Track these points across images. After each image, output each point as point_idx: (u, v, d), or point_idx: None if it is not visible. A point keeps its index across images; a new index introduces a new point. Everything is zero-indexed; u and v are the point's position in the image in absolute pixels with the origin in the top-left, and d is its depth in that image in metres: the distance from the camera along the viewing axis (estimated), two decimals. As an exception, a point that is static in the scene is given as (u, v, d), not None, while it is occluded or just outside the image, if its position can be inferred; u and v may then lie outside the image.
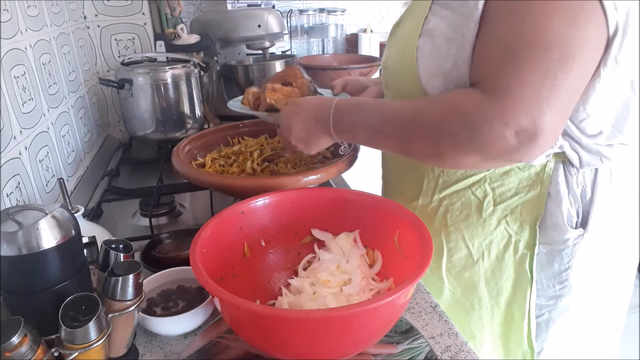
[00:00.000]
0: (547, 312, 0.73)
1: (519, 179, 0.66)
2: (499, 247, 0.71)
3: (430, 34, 0.60)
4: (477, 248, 0.72)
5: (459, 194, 0.71)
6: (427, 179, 0.73)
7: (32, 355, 0.44)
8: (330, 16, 2.16)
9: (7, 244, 0.46)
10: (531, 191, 0.66)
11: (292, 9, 2.13)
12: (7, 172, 0.79)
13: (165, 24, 1.60)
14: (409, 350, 0.58)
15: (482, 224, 0.70)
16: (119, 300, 0.51)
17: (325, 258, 0.66)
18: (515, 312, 0.74)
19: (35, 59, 0.97)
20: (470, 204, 0.70)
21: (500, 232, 0.70)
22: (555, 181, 0.64)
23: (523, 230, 0.68)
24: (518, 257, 0.70)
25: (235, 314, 0.51)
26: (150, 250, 0.77)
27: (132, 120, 1.26)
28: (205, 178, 0.83)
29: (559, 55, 0.49)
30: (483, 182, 0.68)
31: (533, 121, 0.49)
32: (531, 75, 0.50)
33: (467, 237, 0.72)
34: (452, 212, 0.72)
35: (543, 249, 0.68)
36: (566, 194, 0.65)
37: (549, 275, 0.70)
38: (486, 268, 0.73)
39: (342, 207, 0.69)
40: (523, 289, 0.71)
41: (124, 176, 1.20)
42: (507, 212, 0.68)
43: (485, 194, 0.68)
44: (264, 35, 1.53)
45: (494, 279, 0.73)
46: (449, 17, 0.58)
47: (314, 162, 0.95)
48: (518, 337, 0.75)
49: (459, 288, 0.76)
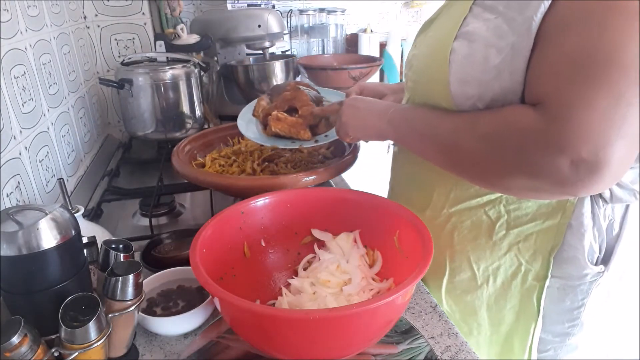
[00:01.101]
0: (552, 348, 0.69)
1: (538, 205, 0.61)
2: (507, 274, 0.66)
3: (468, 37, 0.54)
4: (482, 272, 0.67)
5: (470, 212, 0.65)
6: (438, 191, 0.68)
7: (32, 355, 0.44)
8: (330, 16, 2.16)
9: (7, 244, 0.46)
10: (550, 219, 0.61)
11: (292, 9, 2.13)
12: (7, 172, 0.79)
13: (165, 24, 1.60)
14: (409, 350, 0.58)
15: (492, 247, 0.65)
16: (119, 300, 0.51)
17: (325, 258, 0.66)
18: (516, 344, 0.70)
19: (35, 59, 0.97)
20: (481, 224, 0.65)
21: (510, 258, 0.65)
22: (580, 212, 0.59)
23: (535, 260, 0.64)
24: (526, 288, 0.66)
25: (235, 314, 0.51)
26: (150, 250, 0.77)
27: (132, 120, 1.26)
28: (205, 178, 0.83)
29: (634, 78, 0.43)
30: (498, 202, 0.63)
31: (597, 152, 0.43)
32: (601, 98, 0.43)
33: (473, 259, 0.67)
34: (461, 231, 0.67)
35: (555, 282, 0.64)
36: (590, 226, 0.60)
37: (559, 311, 0.65)
38: (490, 294, 0.68)
39: (342, 207, 0.69)
40: (527, 322, 0.67)
41: (124, 176, 1.20)
42: (521, 239, 0.63)
43: (499, 215, 0.63)
44: (264, 35, 1.53)
45: (497, 307, 0.69)
46: (492, 21, 0.52)
47: (314, 162, 0.95)
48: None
49: (458, 312, 0.72)
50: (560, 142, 0.45)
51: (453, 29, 0.56)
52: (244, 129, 0.94)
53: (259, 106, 0.97)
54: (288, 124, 0.88)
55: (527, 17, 0.49)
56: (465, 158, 0.56)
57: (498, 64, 0.52)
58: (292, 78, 1.63)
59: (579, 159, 0.44)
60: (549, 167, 0.46)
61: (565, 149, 0.44)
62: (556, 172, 0.46)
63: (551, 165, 0.46)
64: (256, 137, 0.92)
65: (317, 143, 0.88)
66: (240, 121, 0.97)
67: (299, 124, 0.88)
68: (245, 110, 1.01)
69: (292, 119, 0.88)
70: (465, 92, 0.55)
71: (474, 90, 0.55)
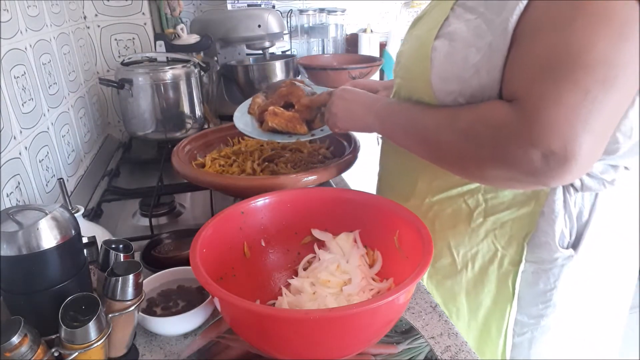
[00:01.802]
0: (529, 331, 0.71)
1: (514, 194, 0.64)
2: (484, 259, 0.69)
3: (450, 37, 0.57)
4: (462, 257, 0.71)
5: (450, 201, 0.69)
6: (421, 181, 0.72)
7: (32, 355, 0.44)
8: (330, 16, 2.16)
9: (7, 244, 0.46)
10: (524, 207, 0.64)
11: (292, 9, 2.13)
12: (7, 172, 0.79)
13: (165, 24, 1.60)
14: (409, 350, 0.58)
15: (470, 234, 0.69)
16: (119, 300, 0.51)
17: (325, 258, 0.66)
18: (493, 328, 0.72)
19: (35, 59, 0.97)
20: (461, 212, 0.69)
21: (487, 244, 0.68)
22: (552, 200, 0.62)
23: (511, 245, 0.67)
24: (502, 272, 0.69)
25: (235, 314, 0.51)
26: (150, 250, 0.77)
27: (132, 120, 1.26)
28: (205, 178, 0.83)
29: (602, 76, 0.45)
30: (477, 191, 0.67)
31: (565, 145, 0.46)
32: (568, 95, 0.46)
33: (453, 245, 0.71)
34: (441, 218, 0.71)
35: (530, 267, 0.67)
36: (562, 213, 0.63)
37: (533, 293, 0.68)
38: (469, 279, 0.71)
39: (342, 207, 0.69)
40: (503, 305, 0.70)
41: (124, 176, 1.20)
42: (497, 226, 0.67)
43: (477, 204, 0.67)
44: (264, 35, 1.53)
45: (475, 291, 0.72)
46: (472, 21, 0.55)
47: (314, 162, 0.95)
48: (492, 353, 0.73)
49: (439, 297, 0.75)
50: (532, 136, 0.47)
51: (435, 28, 0.59)
52: (240, 126, 0.95)
53: (255, 103, 0.98)
54: (285, 118, 0.89)
55: (504, 18, 0.52)
56: (446, 151, 0.59)
57: (477, 62, 0.55)
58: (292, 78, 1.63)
59: (549, 152, 0.47)
60: (522, 159, 0.49)
61: (537, 142, 0.47)
62: (528, 164, 0.49)
63: (524, 157, 0.48)
64: (253, 133, 0.92)
65: (314, 137, 0.89)
66: (236, 118, 0.97)
67: (296, 119, 0.89)
68: (241, 107, 1.01)
69: (289, 114, 0.89)
70: (446, 88, 0.59)
71: (454, 87, 0.58)
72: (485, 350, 0.74)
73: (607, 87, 0.46)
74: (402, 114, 0.66)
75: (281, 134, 0.90)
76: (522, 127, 0.49)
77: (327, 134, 0.88)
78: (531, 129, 0.48)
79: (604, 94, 0.46)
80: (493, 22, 0.53)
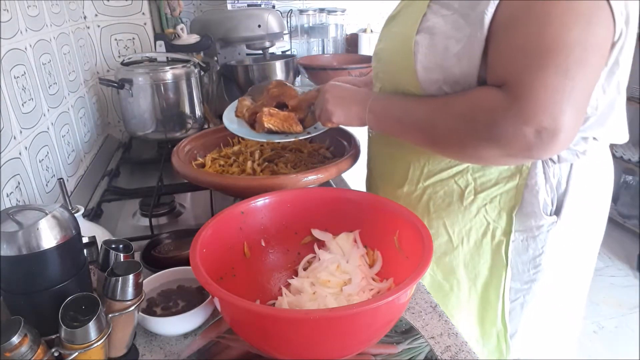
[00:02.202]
0: (522, 296, 0.78)
1: (499, 170, 0.70)
2: (478, 233, 0.75)
3: (429, 31, 0.64)
4: (457, 234, 0.76)
5: (442, 183, 0.75)
6: (413, 167, 0.77)
7: (32, 355, 0.44)
8: (330, 16, 2.17)
9: (7, 244, 0.46)
10: (510, 182, 0.70)
11: (292, 9, 2.13)
12: (7, 172, 0.79)
13: (165, 24, 1.60)
14: (409, 350, 0.58)
15: (463, 211, 0.74)
16: (119, 300, 0.51)
17: (325, 258, 0.66)
18: (491, 294, 0.78)
19: (35, 59, 0.97)
20: (453, 193, 0.74)
21: (479, 219, 0.74)
22: (534, 173, 0.69)
23: (500, 218, 0.73)
24: (495, 243, 0.74)
25: (235, 314, 0.51)
26: (150, 250, 0.77)
27: (132, 120, 1.26)
28: (205, 178, 0.83)
29: (577, 58, 0.53)
30: (466, 172, 0.72)
31: (554, 120, 0.53)
32: (552, 78, 0.53)
33: (448, 223, 0.76)
34: (435, 200, 0.76)
35: (519, 236, 0.73)
36: (543, 184, 0.69)
37: (524, 260, 0.75)
38: (465, 253, 0.77)
39: (342, 207, 0.69)
40: (499, 273, 0.76)
41: (124, 176, 1.20)
42: (487, 201, 0.72)
43: (467, 183, 0.73)
44: (264, 35, 1.53)
45: (472, 263, 0.77)
46: (449, 16, 0.62)
47: (314, 162, 0.95)
48: (493, 317, 0.80)
49: (440, 272, 0.80)
50: (524, 115, 0.54)
51: (414, 24, 0.65)
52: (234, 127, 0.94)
53: (242, 106, 0.97)
54: (281, 118, 0.89)
55: (479, 11, 0.59)
56: (442, 136, 0.65)
57: (457, 52, 0.62)
58: (292, 78, 1.63)
59: (541, 128, 0.54)
60: (517, 137, 0.55)
61: (529, 120, 0.54)
62: (523, 141, 0.55)
63: (518, 135, 0.55)
64: (250, 135, 0.92)
65: (310, 135, 0.89)
66: (227, 121, 0.96)
67: (291, 118, 0.89)
68: (228, 111, 1.00)
69: (284, 113, 0.89)
70: (431, 78, 0.65)
71: (438, 76, 0.64)
72: (486, 315, 0.80)
73: (583, 66, 0.53)
74: (395, 106, 0.72)
75: (278, 134, 0.90)
76: (515, 108, 0.55)
77: (323, 131, 0.88)
78: (523, 109, 0.54)
79: (581, 73, 0.53)
80: (469, 16, 0.60)
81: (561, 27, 0.53)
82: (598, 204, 0.76)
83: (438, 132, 0.65)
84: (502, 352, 0.82)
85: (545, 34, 0.54)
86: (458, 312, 0.82)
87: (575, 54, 0.53)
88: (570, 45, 0.53)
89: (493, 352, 0.82)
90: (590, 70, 0.54)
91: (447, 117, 0.63)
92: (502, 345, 0.81)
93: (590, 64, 0.54)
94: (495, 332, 0.80)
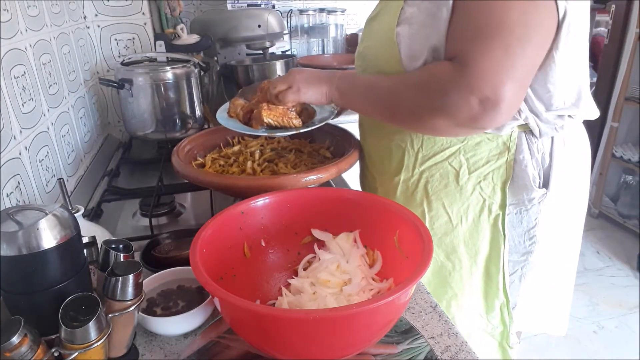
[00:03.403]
0: (519, 268, 0.82)
1: (489, 149, 0.75)
2: (475, 210, 0.79)
3: (408, 21, 0.69)
4: (456, 213, 0.79)
5: (437, 166, 0.78)
6: (408, 154, 0.81)
7: (32, 355, 0.44)
8: (330, 16, 2.16)
9: (7, 244, 0.46)
10: (500, 158, 0.75)
11: (292, 9, 2.13)
12: (7, 172, 0.79)
13: (165, 24, 1.60)
14: (409, 350, 0.58)
15: (460, 191, 0.78)
16: (119, 300, 0.51)
17: (325, 258, 0.66)
18: (492, 268, 0.82)
19: (35, 59, 0.97)
20: (448, 174, 0.78)
21: (475, 197, 0.78)
22: (520, 149, 0.74)
23: (495, 193, 0.77)
24: (492, 218, 0.78)
25: (235, 314, 0.51)
26: (150, 250, 0.77)
27: (132, 120, 1.26)
28: (205, 178, 0.83)
29: (519, 34, 0.58)
30: (458, 153, 0.76)
31: (495, 90, 0.58)
32: (495, 51, 0.58)
33: (447, 204, 0.79)
34: (432, 183, 0.80)
35: (513, 209, 0.77)
36: (529, 159, 0.74)
37: (519, 232, 0.79)
38: (465, 231, 0.80)
39: (342, 207, 0.69)
40: (497, 247, 0.80)
41: (124, 176, 1.20)
42: (481, 179, 0.77)
43: (460, 164, 0.77)
44: (264, 35, 1.53)
45: (472, 240, 0.81)
46: (422, 4, 0.67)
47: (314, 162, 0.95)
48: (495, 290, 0.83)
49: (442, 253, 0.83)
50: (469, 85, 0.59)
51: (394, 18, 0.71)
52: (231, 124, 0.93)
53: (236, 106, 0.97)
54: (279, 112, 0.89)
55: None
56: (402, 107, 0.70)
57: (432, 36, 0.67)
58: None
59: (483, 97, 0.59)
60: (464, 106, 0.60)
61: (474, 90, 0.59)
62: (469, 110, 0.60)
63: (465, 104, 0.60)
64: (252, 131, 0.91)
65: (309, 128, 0.90)
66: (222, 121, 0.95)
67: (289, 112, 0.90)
68: (220, 113, 0.98)
69: (283, 108, 0.90)
70: (415, 64, 0.70)
71: (420, 61, 0.69)
72: (488, 289, 0.84)
73: (524, 43, 0.59)
74: (360, 83, 0.78)
75: (277, 129, 0.90)
76: (461, 78, 0.60)
77: (323, 124, 0.89)
78: (469, 79, 0.59)
79: (522, 48, 0.58)
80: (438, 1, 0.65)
81: (505, 7, 0.58)
82: (579, 175, 0.81)
83: (398, 104, 0.70)
84: (506, 323, 0.85)
85: (491, 13, 0.59)
86: (461, 289, 0.84)
87: (516, 31, 0.58)
88: (512, 24, 0.58)
89: (498, 324, 0.86)
90: (531, 48, 0.59)
91: (405, 89, 0.69)
92: (505, 317, 0.85)
93: (531, 42, 0.59)
94: (499, 305, 0.84)
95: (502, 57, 0.58)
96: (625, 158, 2.47)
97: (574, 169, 0.79)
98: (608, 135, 2.53)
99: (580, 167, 0.81)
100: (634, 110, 2.47)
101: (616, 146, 2.53)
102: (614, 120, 2.48)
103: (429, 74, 0.66)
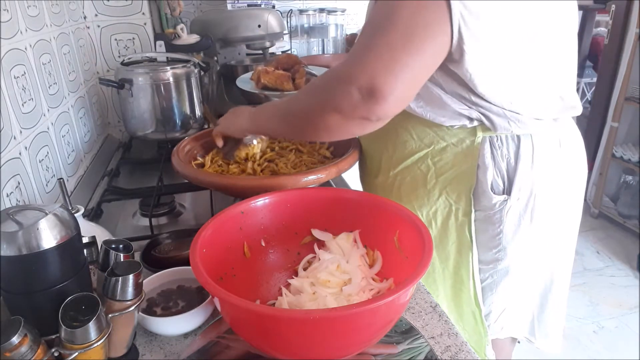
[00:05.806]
0: (489, 275, 0.82)
1: (454, 154, 0.75)
2: (443, 215, 0.79)
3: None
4: (425, 217, 0.80)
5: (408, 169, 0.81)
6: (384, 157, 0.84)
7: (32, 355, 0.44)
8: (330, 16, 2.17)
9: (7, 244, 0.46)
10: (464, 164, 0.75)
11: (292, 9, 2.13)
12: (7, 172, 0.79)
13: (165, 24, 1.60)
14: (409, 350, 0.58)
15: (427, 194, 0.79)
16: (119, 300, 0.51)
17: (325, 258, 0.66)
18: (463, 274, 0.82)
19: (35, 59, 0.97)
20: (417, 178, 0.80)
21: (442, 201, 0.79)
22: (482, 154, 0.73)
23: (460, 199, 0.77)
24: (459, 224, 0.79)
25: (235, 314, 0.51)
26: (150, 250, 0.77)
27: (132, 120, 1.26)
28: (205, 178, 0.83)
29: (403, 33, 0.59)
30: (426, 157, 0.78)
31: (371, 80, 0.58)
32: (377, 45, 0.59)
33: (417, 207, 0.81)
34: (405, 186, 0.82)
35: (479, 215, 0.77)
36: (492, 165, 0.74)
37: (485, 240, 0.79)
38: (435, 235, 0.81)
39: (342, 207, 0.69)
40: (466, 252, 0.80)
41: (124, 176, 1.20)
42: (447, 184, 0.77)
43: (428, 168, 0.78)
44: (264, 35, 1.53)
45: (442, 245, 0.81)
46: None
47: (314, 162, 0.95)
48: (467, 297, 0.83)
49: None
50: (349, 74, 0.60)
51: None
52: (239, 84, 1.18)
53: (257, 72, 1.19)
54: (275, 76, 1.06)
55: None
56: (298, 117, 0.71)
57: None
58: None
59: (360, 86, 0.59)
60: (345, 94, 0.60)
61: (352, 79, 0.60)
62: (349, 98, 0.60)
63: (345, 92, 0.60)
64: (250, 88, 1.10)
65: None
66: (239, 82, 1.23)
67: (284, 77, 1.03)
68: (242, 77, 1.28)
69: (278, 72, 1.04)
70: None
71: None
72: (461, 295, 0.84)
73: (408, 39, 0.59)
74: (268, 107, 0.81)
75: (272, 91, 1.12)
76: (343, 69, 0.62)
77: None
78: (349, 69, 0.61)
79: (404, 44, 0.59)
80: None
81: (396, 6, 0.60)
82: (571, 180, 0.79)
83: (295, 114, 0.72)
84: (480, 333, 0.85)
85: (384, 12, 0.61)
86: (436, 293, 0.85)
87: (401, 28, 0.59)
88: (399, 21, 0.59)
89: (472, 333, 0.86)
90: (415, 44, 0.59)
91: (299, 95, 0.73)
92: (479, 326, 0.84)
93: (416, 39, 0.59)
94: (471, 312, 0.84)
95: (384, 51, 0.59)
96: (625, 158, 2.46)
97: (545, 175, 0.75)
98: (608, 135, 2.53)
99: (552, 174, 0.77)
100: (634, 110, 2.47)
101: (616, 146, 2.53)
102: (613, 120, 2.48)
103: (320, 77, 0.68)
